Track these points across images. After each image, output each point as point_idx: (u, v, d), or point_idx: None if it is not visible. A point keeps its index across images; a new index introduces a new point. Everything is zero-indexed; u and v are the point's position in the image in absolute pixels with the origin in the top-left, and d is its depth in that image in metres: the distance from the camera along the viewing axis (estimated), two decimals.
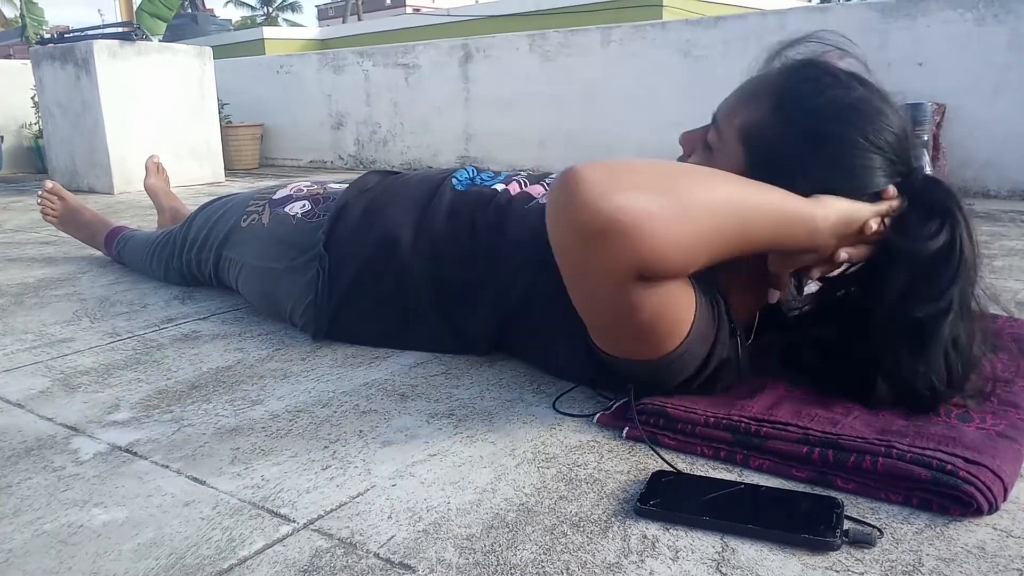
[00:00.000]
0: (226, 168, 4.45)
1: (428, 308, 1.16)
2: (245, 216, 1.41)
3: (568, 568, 0.64)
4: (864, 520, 0.69)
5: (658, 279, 0.75)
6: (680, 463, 0.80)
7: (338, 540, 0.69)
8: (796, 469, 0.77)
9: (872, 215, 0.84)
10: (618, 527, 0.70)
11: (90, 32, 4.04)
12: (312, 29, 20.98)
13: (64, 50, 3.86)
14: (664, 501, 0.72)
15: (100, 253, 1.97)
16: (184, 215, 1.94)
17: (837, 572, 0.63)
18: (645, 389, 0.89)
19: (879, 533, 0.67)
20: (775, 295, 0.91)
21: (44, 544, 0.69)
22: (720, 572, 0.63)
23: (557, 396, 1.00)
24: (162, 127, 3.96)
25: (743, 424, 0.82)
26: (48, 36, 4.46)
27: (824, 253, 0.84)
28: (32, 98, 4.59)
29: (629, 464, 0.82)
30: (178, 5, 4.42)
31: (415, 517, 0.72)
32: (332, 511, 0.74)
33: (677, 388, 0.88)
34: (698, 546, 0.67)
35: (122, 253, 1.84)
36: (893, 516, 0.71)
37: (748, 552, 0.66)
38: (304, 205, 1.34)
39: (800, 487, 0.75)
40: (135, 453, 0.87)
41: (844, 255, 0.84)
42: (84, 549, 0.68)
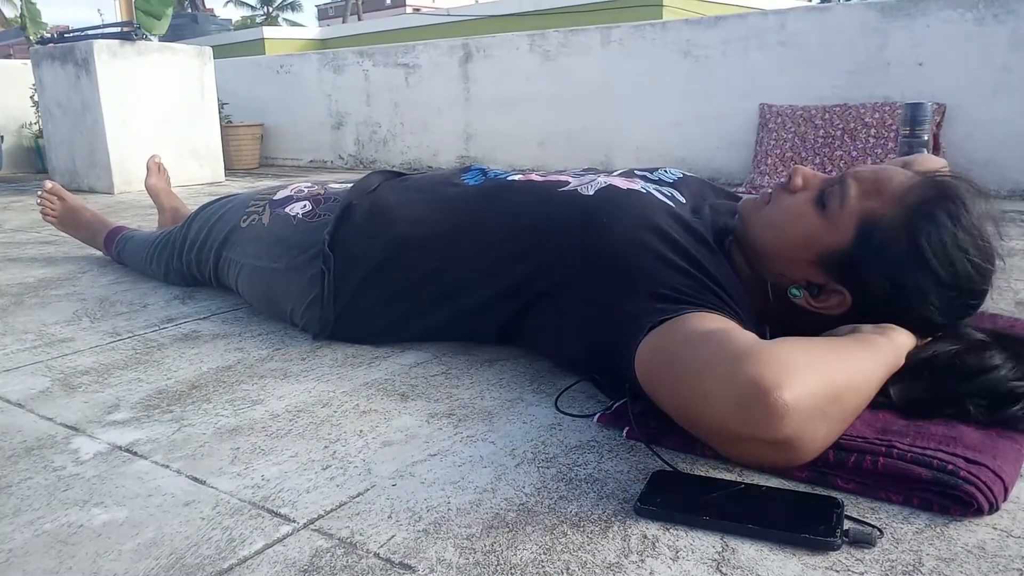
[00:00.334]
0: (226, 168, 4.45)
1: (438, 304, 1.16)
2: (245, 216, 1.41)
3: (568, 568, 0.64)
4: (864, 520, 0.69)
5: None
6: (680, 463, 0.80)
7: (338, 540, 0.69)
8: (796, 469, 0.77)
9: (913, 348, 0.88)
10: (618, 527, 0.70)
11: (90, 32, 4.03)
12: (312, 29, 20.99)
13: (64, 50, 3.86)
14: (664, 501, 0.72)
15: (100, 253, 1.97)
16: (185, 215, 1.94)
17: (837, 572, 0.63)
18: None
19: (879, 533, 0.67)
20: None
21: (44, 544, 0.69)
22: (720, 572, 0.63)
23: (558, 395, 1.00)
24: (162, 127, 3.96)
25: None
26: (48, 36, 4.45)
27: None
28: (32, 98, 4.58)
29: (629, 464, 0.82)
30: (174, 2, 4.41)
31: (415, 517, 0.72)
32: (332, 511, 0.74)
33: None
34: (698, 546, 0.67)
35: (122, 254, 1.84)
36: (893, 516, 0.71)
37: (748, 552, 0.66)
38: (305, 205, 1.33)
39: (800, 487, 0.75)
40: (135, 453, 0.87)
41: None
42: (84, 549, 0.68)
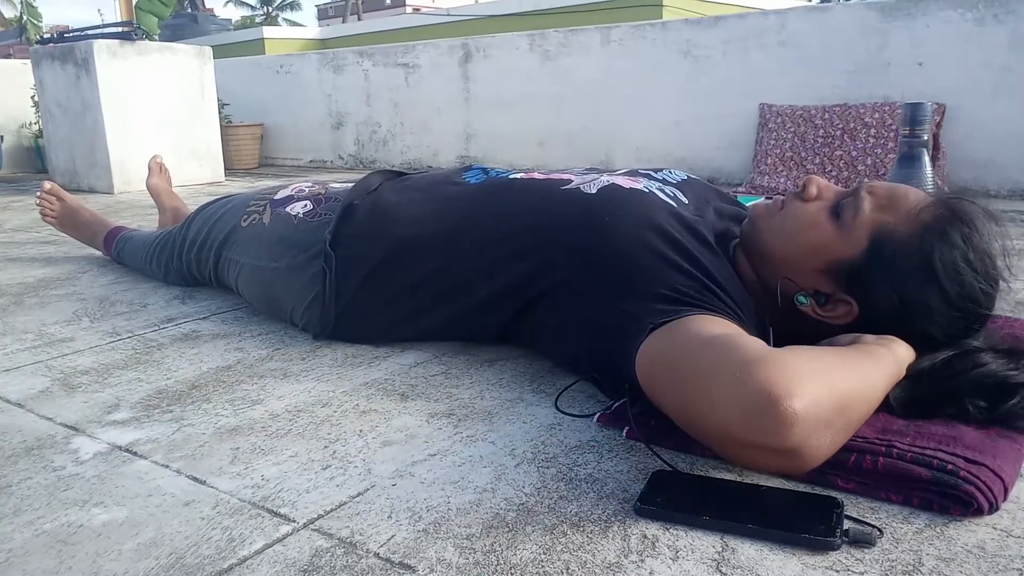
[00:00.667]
0: (226, 168, 4.45)
1: (438, 303, 1.16)
2: (245, 216, 1.41)
3: (568, 568, 0.64)
4: (864, 520, 0.69)
5: None
6: (680, 463, 0.80)
7: (338, 540, 0.69)
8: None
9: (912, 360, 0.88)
10: (618, 527, 0.70)
11: (90, 32, 4.03)
12: (312, 29, 20.99)
13: (64, 50, 3.86)
14: (664, 501, 0.72)
15: (100, 253, 1.97)
16: (185, 215, 1.94)
17: (837, 572, 0.63)
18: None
19: (879, 533, 0.67)
20: None
21: (44, 544, 0.69)
22: (720, 572, 0.63)
23: (558, 395, 1.00)
24: (162, 127, 3.96)
25: None
26: (48, 36, 4.45)
27: None
28: (32, 98, 4.58)
29: (629, 464, 0.82)
30: (174, 2, 4.41)
31: (415, 517, 0.72)
32: (332, 511, 0.74)
33: None
34: (698, 546, 0.67)
35: (121, 254, 1.84)
36: (893, 516, 0.71)
37: (748, 552, 0.66)
38: (306, 205, 1.34)
39: (800, 487, 0.75)
40: (135, 453, 0.87)
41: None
42: (84, 549, 0.68)
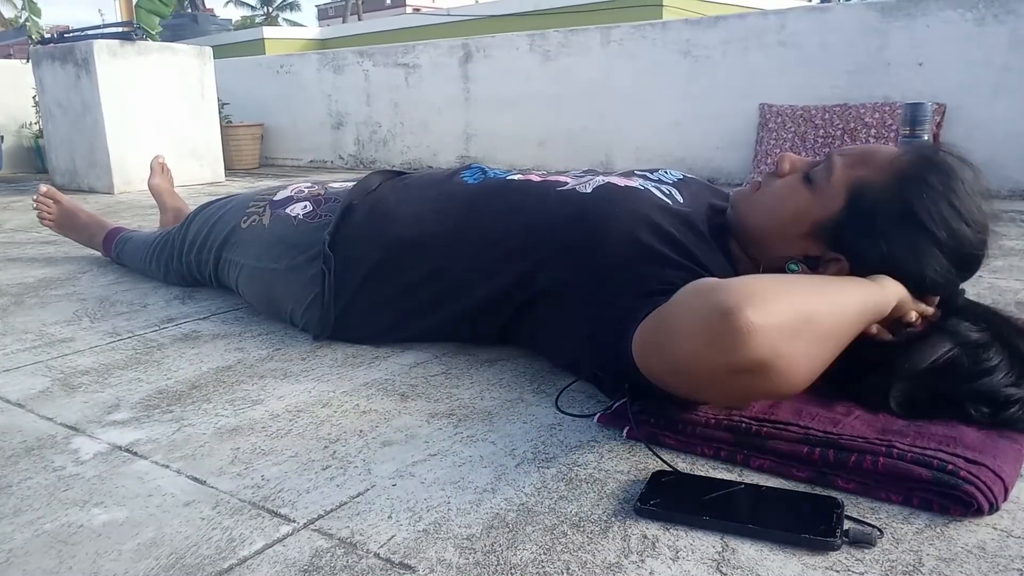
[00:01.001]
0: (226, 168, 4.45)
1: (438, 303, 1.16)
2: (245, 217, 1.41)
3: (568, 568, 0.64)
4: (864, 520, 0.69)
5: None
6: (680, 463, 0.80)
7: (338, 540, 0.69)
8: (796, 469, 0.77)
9: (914, 308, 0.89)
10: (618, 527, 0.70)
11: (90, 32, 4.03)
12: (312, 29, 20.98)
13: (64, 50, 3.86)
14: (664, 501, 0.72)
15: (100, 253, 1.97)
16: (187, 215, 1.94)
17: (837, 572, 0.63)
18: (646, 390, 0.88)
19: (879, 533, 0.67)
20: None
21: (44, 544, 0.69)
22: (720, 572, 0.63)
23: (558, 395, 1.00)
24: (162, 127, 3.96)
25: (744, 424, 0.82)
26: (48, 36, 4.45)
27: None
28: (32, 98, 4.59)
29: (629, 464, 0.82)
30: (175, 2, 4.41)
31: (415, 517, 0.72)
32: (332, 511, 0.74)
33: None
34: (698, 546, 0.67)
35: (121, 254, 1.84)
36: (893, 516, 0.71)
37: (748, 552, 0.66)
38: (305, 206, 1.33)
39: (800, 487, 0.75)
40: (135, 453, 0.87)
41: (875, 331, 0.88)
42: (84, 549, 0.68)
